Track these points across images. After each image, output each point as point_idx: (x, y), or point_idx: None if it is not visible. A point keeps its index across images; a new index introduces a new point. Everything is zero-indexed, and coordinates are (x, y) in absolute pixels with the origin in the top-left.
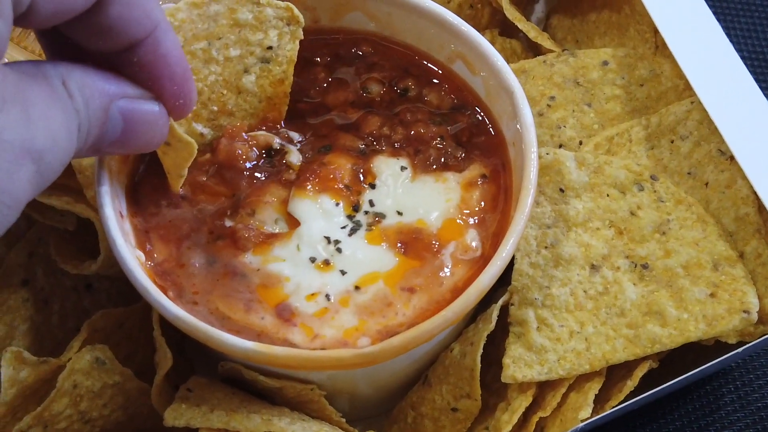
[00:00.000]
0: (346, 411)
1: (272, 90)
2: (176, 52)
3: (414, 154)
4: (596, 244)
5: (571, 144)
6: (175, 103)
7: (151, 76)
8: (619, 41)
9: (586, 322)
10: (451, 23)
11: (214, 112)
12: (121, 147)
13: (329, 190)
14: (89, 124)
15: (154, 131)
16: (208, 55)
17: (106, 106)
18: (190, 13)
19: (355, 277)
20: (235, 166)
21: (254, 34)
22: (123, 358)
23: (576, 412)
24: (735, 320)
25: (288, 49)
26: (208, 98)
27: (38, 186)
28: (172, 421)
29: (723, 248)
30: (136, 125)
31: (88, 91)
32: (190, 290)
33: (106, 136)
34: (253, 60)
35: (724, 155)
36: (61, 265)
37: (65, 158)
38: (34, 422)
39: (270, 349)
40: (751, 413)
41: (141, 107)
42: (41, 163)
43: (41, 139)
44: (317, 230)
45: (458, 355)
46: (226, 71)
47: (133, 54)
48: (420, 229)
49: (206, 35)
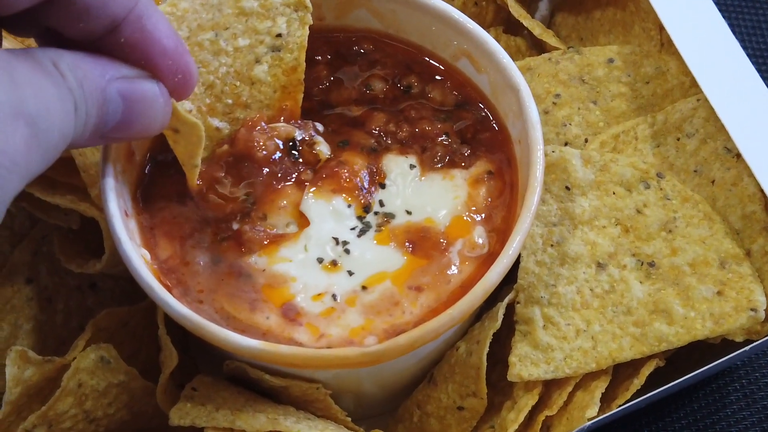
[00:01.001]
0: (351, 410)
1: (286, 78)
2: (163, 26)
3: (421, 152)
4: (602, 242)
5: (577, 142)
6: (173, 79)
7: (143, 54)
8: (624, 39)
9: (593, 321)
10: (456, 21)
11: (229, 105)
12: (124, 130)
13: (344, 191)
14: (86, 105)
15: (155, 110)
16: (217, 47)
17: (102, 87)
18: (193, 3)
19: (363, 277)
20: (253, 156)
21: (262, 22)
22: (127, 357)
23: (582, 411)
24: (742, 318)
25: (298, 36)
26: (221, 91)
27: (37, 152)
28: (178, 420)
29: (730, 246)
30: (136, 105)
31: (80, 72)
32: (195, 289)
33: (107, 118)
34: (263, 49)
35: (731, 153)
36: (65, 264)
37: (64, 131)
38: (39, 421)
39: (275, 347)
40: (757, 412)
41: (139, 86)
42: (36, 128)
43: (31, 103)
44: (326, 231)
45: (464, 353)
46: (237, 62)
47: (118, 35)
48: (428, 227)
49: (212, 25)
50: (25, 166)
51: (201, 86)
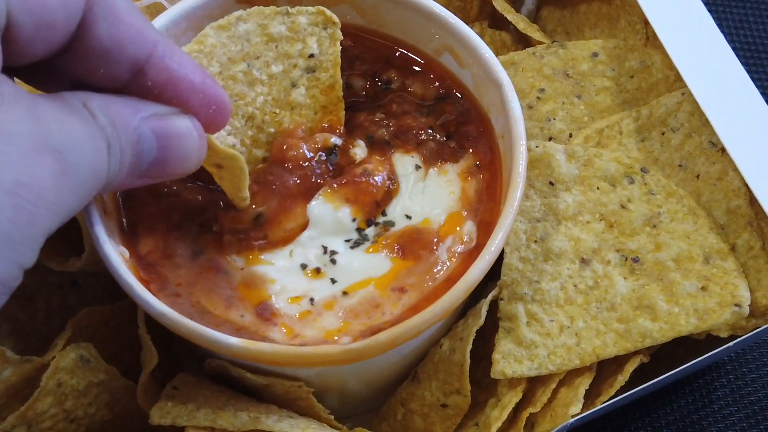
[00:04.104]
0: (336, 408)
1: (325, 98)
2: (188, 62)
3: (417, 146)
4: (586, 238)
5: (561, 137)
6: (207, 112)
7: (173, 93)
8: (610, 32)
9: (577, 317)
10: (438, 15)
11: (271, 134)
12: (161, 168)
13: (357, 204)
14: (120, 143)
15: (191, 146)
16: (251, 77)
17: (135, 125)
18: (219, 37)
19: (346, 284)
20: (285, 158)
21: (292, 45)
22: (109, 355)
23: (566, 408)
24: (726, 314)
25: (331, 53)
26: (262, 121)
27: (69, 188)
28: (158, 419)
29: (714, 241)
30: (170, 141)
31: (111, 111)
32: (173, 282)
33: (142, 157)
34: (298, 72)
35: (715, 147)
36: (45, 262)
37: (96, 168)
38: (18, 422)
39: (256, 345)
40: (744, 407)
41: (172, 122)
42: (65, 162)
43: (57, 137)
44: (319, 240)
45: (447, 350)
46: (274, 89)
47: (144, 78)
48: (422, 228)
49: (243, 56)
50: (54, 202)
51: (241, 119)
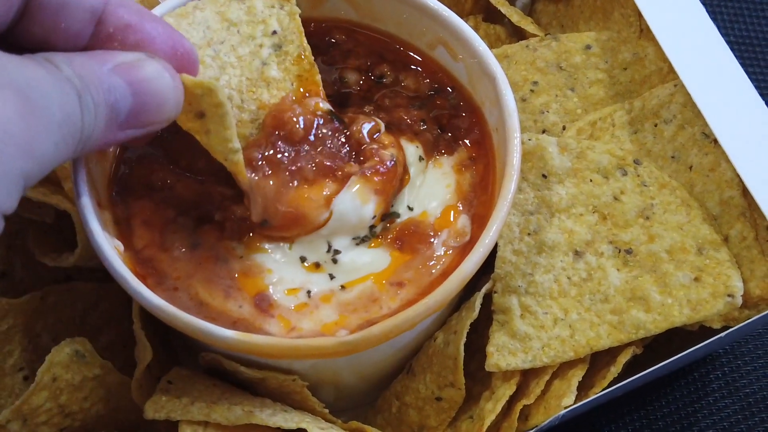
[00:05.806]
0: (331, 401)
1: (297, 67)
2: (144, 9)
3: (414, 136)
4: (579, 230)
5: (555, 129)
6: (175, 54)
7: (137, 39)
8: (604, 25)
9: (570, 309)
10: (431, 9)
11: (254, 111)
12: (141, 115)
13: (383, 194)
14: (90, 93)
15: (166, 88)
16: (220, 61)
17: (102, 75)
18: (180, 25)
19: (344, 280)
20: (286, 127)
21: (254, 28)
22: (103, 348)
23: (559, 400)
24: (719, 305)
25: (292, 26)
26: (242, 100)
27: (39, 128)
28: (152, 413)
29: (707, 232)
30: (143, 86)
31: (77, 63)
32: (172, 275)
33: (118, 107)
34: (266, 51)
35: (708, 138)
36: (39, 258)
37: (68, 112)
38: (13, 416)
39: (250, 337)
40: (739, 400)
41: (141, 67)
42: (29, 101)
43: (17, 77)
44: (325, 238)
45: (442, 344)
46: (246, 70)
47: (105, 26)
48: (420, 221)
49: (207, 42)
50: (24, 139)
51: None
